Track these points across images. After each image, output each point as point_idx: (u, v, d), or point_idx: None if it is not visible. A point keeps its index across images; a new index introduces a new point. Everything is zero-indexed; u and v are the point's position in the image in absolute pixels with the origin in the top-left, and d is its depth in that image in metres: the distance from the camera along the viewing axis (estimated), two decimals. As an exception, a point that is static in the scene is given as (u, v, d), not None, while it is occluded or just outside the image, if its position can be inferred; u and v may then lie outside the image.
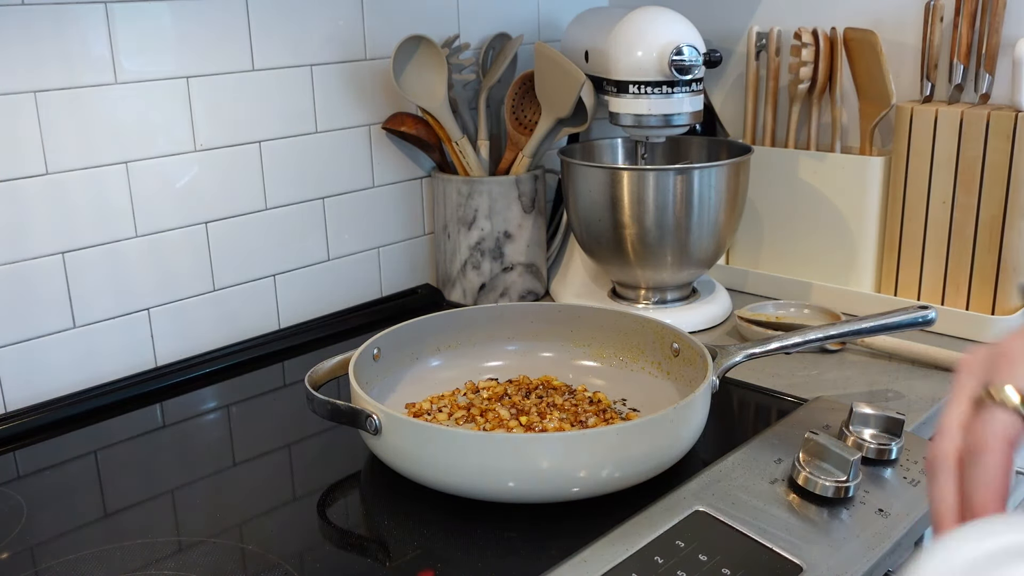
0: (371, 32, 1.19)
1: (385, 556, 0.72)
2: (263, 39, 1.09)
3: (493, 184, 1.21)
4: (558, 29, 1.40)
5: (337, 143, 1.19)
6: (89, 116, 0.97)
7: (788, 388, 0.98)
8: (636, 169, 1.12)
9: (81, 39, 0.95)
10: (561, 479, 0.74)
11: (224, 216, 1.10)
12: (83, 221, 0.99)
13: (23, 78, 0.92)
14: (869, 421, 0.81)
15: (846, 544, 0.70)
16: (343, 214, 1.21)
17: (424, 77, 1.18)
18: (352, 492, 0.84)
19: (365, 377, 0.87)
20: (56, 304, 0.98)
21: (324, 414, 0.81)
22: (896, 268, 1.18)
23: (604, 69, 1.14)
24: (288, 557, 0.72)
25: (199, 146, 1.06)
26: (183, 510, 0.81)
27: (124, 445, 0.94)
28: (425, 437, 0.76)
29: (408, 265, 1.31)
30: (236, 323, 1.13)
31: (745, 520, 0.72)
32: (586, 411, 0.90)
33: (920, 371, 1.02)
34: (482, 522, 0.74)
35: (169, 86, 1.03)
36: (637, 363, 0.98)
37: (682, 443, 0.79)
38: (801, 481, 0.75)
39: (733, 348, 0.91)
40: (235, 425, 0.98)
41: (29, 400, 0.97)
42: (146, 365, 1.06)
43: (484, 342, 1.01)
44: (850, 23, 1.19)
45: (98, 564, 0.72)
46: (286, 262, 1.17)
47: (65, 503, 0.82)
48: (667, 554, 0.68)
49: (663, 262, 1.14)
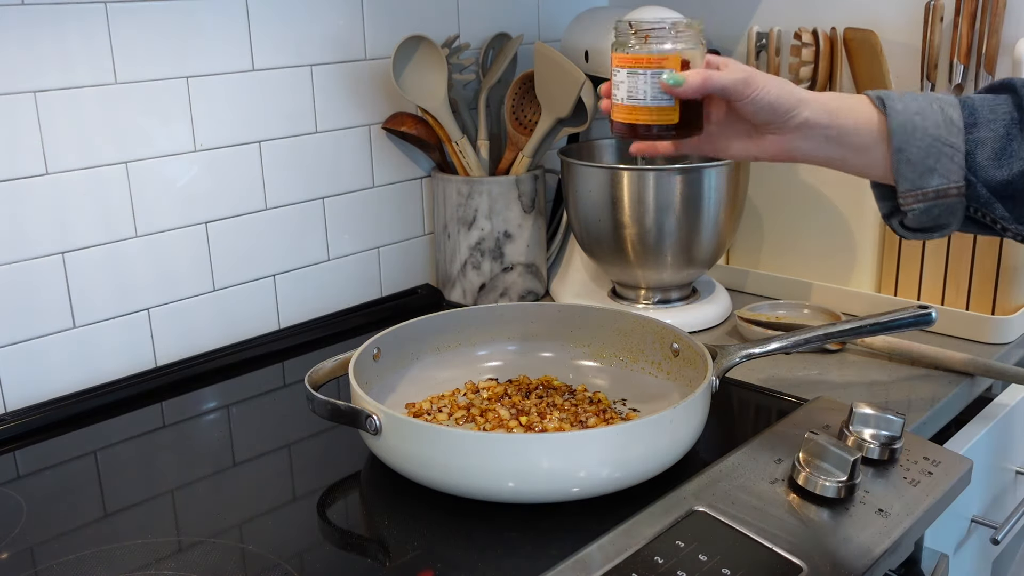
0: (371, 32, 1.19)
1: (385, 556, 0.72)
2: (263, 39, 1.09)
3: (493, 184, 1.21)
4: (558, 29, 1.40)
5: (337, 143, 1.19)
6: (89, 116, 0.97)
7: (788, 388, 0.98)
8: (636, 169, 1.12)
9: (81, 39, 0.95)
10: (561, 479, 0.74)
11: (224, 216, 1.10)
12: (83, 221, 0.99)
13: (23, 78, 0.92)
14: (869, 421, 0.81)
15: (846, 544, 0.70)
16: (343, 214, 1.21)
17: (424, 77, 1.18)
18: (352, 492, 0.84)
19: (365, 377, 0.87)
20: (56, 304, 0.98)
21: (324, 414, 0.81)
22: (896, 268, 1.18)
23: (604, 69, 1.14)
24: (288, 557, 0.72)
25: (199, 146, 1.06)
26: (183, 510, 0.81)
27: (124, 445, 0.94)
28: (425, 437, 0.76)
29: (408, 265, 1.31)
30: (236, 323, 1.13)
31: (745, 520, 0.72)
32: (586, 411, 0.90)
33: (920, 371, 1.02)
34: (482, 522, 0.74)
35: (169, 86, 1.03)
36: (637, 363, 0.98)
37: (682, 443, 0.79)
38: (801, 481, 0.75)
39: (733, 348, 0.91)
40: (235, 425, 0.98)
41: (29, 400, 0.97)
42: (146, 365, 1.06)
43: (484, 342, 1.01)
44: (850, 23, 1.19)
45: (98, 564, 0.72)
46: (286, 262, 1.17)
47: (65, 503, 0.82)
48: (667, 554, 0.68)
49: (663, 262, 1.14)
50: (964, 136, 0.71)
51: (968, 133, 0.71)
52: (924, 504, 0.76)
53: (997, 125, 0.71)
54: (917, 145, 0.71)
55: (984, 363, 1.00)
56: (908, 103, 0.73)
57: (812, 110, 0.74)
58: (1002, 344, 1.07)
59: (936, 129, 0.71)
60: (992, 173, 0.71)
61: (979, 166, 0.71)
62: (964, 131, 0.71)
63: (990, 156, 0.71)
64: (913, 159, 0.72)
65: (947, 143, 0.71)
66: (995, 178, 0.71)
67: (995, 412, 1.02)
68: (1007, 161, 0.70)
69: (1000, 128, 0.71)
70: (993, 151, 0.71)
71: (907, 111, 0.72)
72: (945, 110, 0.72)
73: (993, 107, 0.72)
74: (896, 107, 0.73)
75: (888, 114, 0.73)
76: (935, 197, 0.72)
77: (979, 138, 0.71)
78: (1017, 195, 0.71)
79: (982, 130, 0.71)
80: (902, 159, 0.72)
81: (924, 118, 0.72)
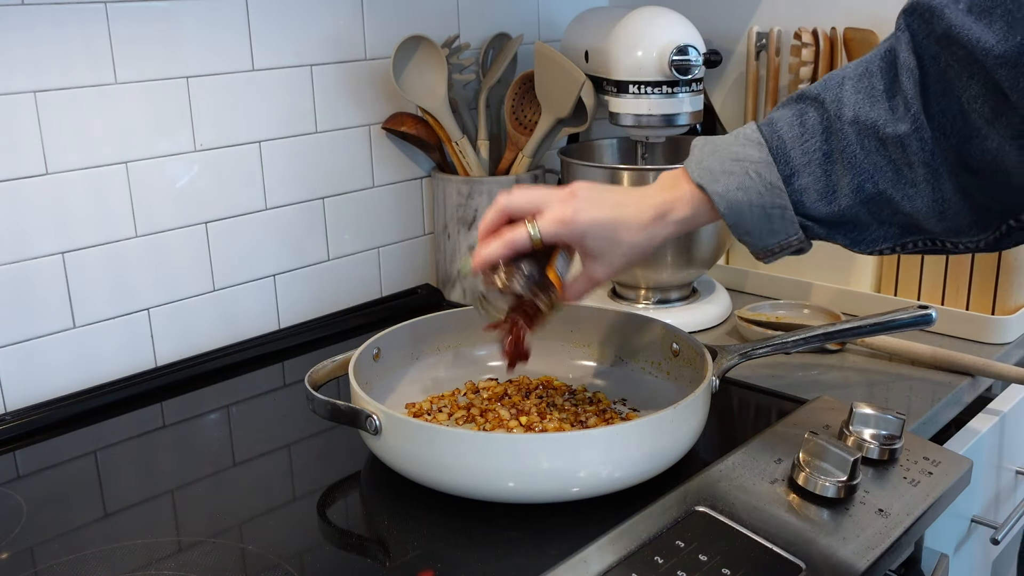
0: (371, 32, 1.19)
1: (385, 556, 0.72)
2: (263, 39, 1.09)
3: (493, 184, 1.21)
4: (558, 29, 1.40)
5: (337, 143, 1.19)
6: (89, 116, 0.97)
7: (788, 388, 0.98)
8: (636, 169, 1.12)
9: (81, 39, 0.95)
10: (561, 479, 0.74)
11: (224, 216, 1.10)
12: (83, 221, 0.99)
13: (23, 78, 0.92)
14: (869, 421, 0.81)
15: (846, 544, 0.70)
16: (343, 214, 1.21)
17: (424, 77, 1.18)
18: (352, 492, 0.84)
19: (365, 377, 0.87)
20: (56, 304, 0.98)
21: (324, 414, 0.81)
22: (896, 268, 1.18)
23: (604, 69, 1.14)
24: (288, 557, 0.72)
25: (199, 146, 1.06)
26: (183, 510, 0.81)
27: (124, 445, 0.94)
28: (425, 437, 0.76)
29: (408, 265, 1.31)
30: (236, 323, 1.13)
31: (745, 520, 0.72)
32: (586, 411, 0.90)
33: (920, 371, 1.02)
34: (482, 522, 0.74)
35: (169, 86, 1.03)
36: (637, 363, 0.98)
37: (682, 443, 0.79)
38: (801, 481, 0.75)
39: (733, 348, 0.91)
40: (235, 425, 0.98)
41: (29, 400, 0.97)
42: (146, 365, 1.06)
43: (484, 342, 1.01)
44: (850, 23, 1.19)
45: (98, 564, 0.72)
46: (286, 262, 1.17)
47: (65, 503, 0.82)
48: (667, 554, 0.68)
49: (663, 262, 1.14)
50: (787, 193, 0.73)
51: (790, 186, 0.73)
52: (924, 504, 0.76)
53: (814, 166, 0.72)
54: (748, 218, 0.74)
55: (984, 363, 1.00)
56: (727, 181, 0.74)
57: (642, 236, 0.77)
58: (1002, 344, 1.07)
59: (760, 199, 0.73)
60: (823, 211, 0.73)
61: (809, 209, 0.73)
62: (785, 188, 0.73)
63: (816, 199, 0.73)
64: (751, 230, 0.75)
65: (775, 206, 0.73)
66: (826, 214, 0.73)
67: (995, 412, 1.02)
68: (832, 197, 0.72)
69: (817, 169, 0.72)
70: (817, 193, 0.73)
71: (728, 191, 0.74)
72: (763, 175, 0.73)
73: (804, 144, 0.73)
74: (718, 191, 0.74)
75: (712, 199, 0.75)
76: (780, 250, 0.76)
77: (802, 187, 0.73)
78: (853, 220, 0.73)
79: (802, 178, 0.73)
80: (740, 232, 0.76)
81: (746, 192, 0.73)
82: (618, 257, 0.78)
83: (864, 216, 0.72)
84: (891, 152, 0.69)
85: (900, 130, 0.68)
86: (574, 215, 0.77)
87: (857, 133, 0.70)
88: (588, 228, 0.77)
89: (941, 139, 0.68)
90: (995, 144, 0.65)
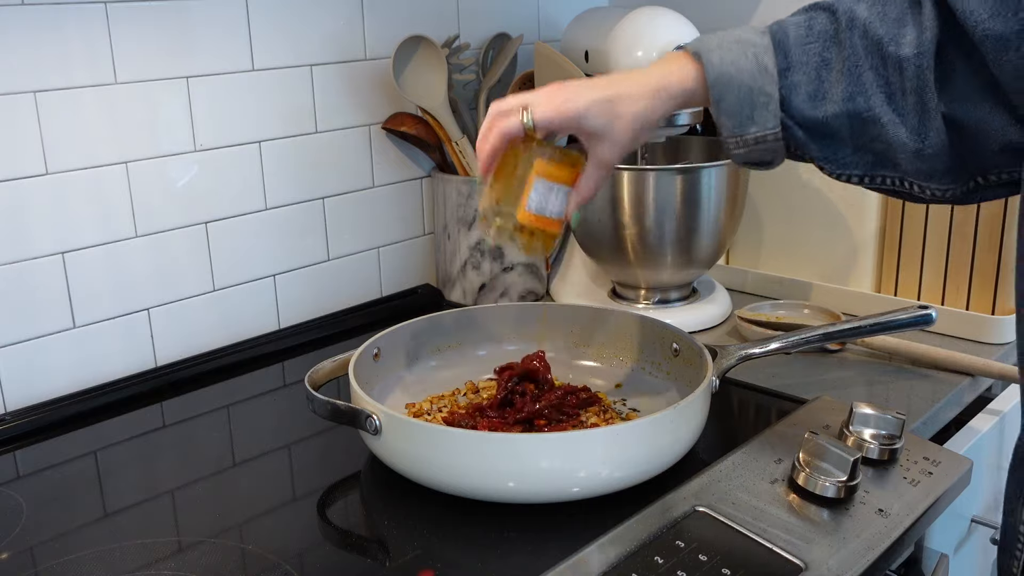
0: (371, 32, 1.19)
1: (385, 556, 0.72)
2: (263, 39, 1.09)
3: (493, 184, 1.21)
4: (558, 29, 1.40)
5: (337, 143, 1.19)
6: (89, 116, 0.97)
7: (788, 388, 0.98)
8: (636, 169, 1.12)
9: (81, 39, 0.95)
10: (561, 479, 0.74)
11: (224, 216, 1.10)
12: (83, 221, 0.99)
13: (23, 78, 0.92)
14: (869, 421, 0.82)
15: (846, 544, 0.70)
16: (343, 214, 1.21)
17: (424, 77, 1.18)
18: (352, 492, 0.84)
19: (365, 377, 0.87)
20: (56, 304, 0.98)
21: (324, 414, 0.81)
22: (896, 268, 1.18)
23: (604, 69, 1.14)
24: (288, 557, 0.72)
25: (199, 146, 1.06)
26: (183, 510, 0.81)
27: (124, 445, 0.94)
28: (425, 437, 0.76)
29: (408, 265, 1.31)
30: (236, 323, 1.13)
31: (745, 520, 0.72)
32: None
33: (920, 371, 1.02)
34: (482, 522, 0.74)
35: (169, 86, 1.03)
36: (637, 363, 0.98)
37: (682, 443, 0.79)
38: (801, 481, 0.75)
39: (733, 348, 0.91)
40: (235, 425, 0.98)
41: (29, 400, 0.97)
42: (146, 365, 1.06)
43: (484, 342, 1.01)
44: (850, 23, 1.18)
45: (98, 564, 0.72)
46: (286, 262, 1.17)
47: (65, 503, 0.82)
48: (667, 554, 0.68)
49: (663, 262, 1.14)
50: (778, 83, 0.73)
51: (782, 79, 0.73)
52: (924, 504, 0.76)
53: (810, 68, 0.73)
54: (734, 95, 0.74)
55: (984, 363, 1.00)
56: (724, 54, 0.74)
57: (641, 106, 0.76)
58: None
59: (751, 80, 0.73)
60: (808, 114, 0.73)
61: (794, 108, 0.73)
62: (778, 78, 0.73)
63: (804, 99, 0.73)
64: (731, 110, 0.74)
65: (762, 92, 0.73)
66: (810, 118, 0.73)
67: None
68: (821, 102, 0.72)
69: (812, 71, 0.73)
70: (807, 93, 0.73)
71: (723, 63, 0.74)
72: (760, 58, 0.73)
73: (806, 46, 0.73)
74: (712, 60, 0.74)
75: (704, 67, 0.74)
76: (754, 143, 0.75)
77: (793, 82, 0.73)
78: (833, 134, 0.73)
79: (796, 73, 0.73)
80: (721, 110, 0.75)
81: (739, 69, 0.73)
82: (621, 132, 0.76)
83: (845, 132, 0.73)
84: (889, 73, 0.70)
85: (903, 52, 0.69)
86: (566, 100, 0.76)
87: (864, 47, 0.71)
88: (587, 108, 0.76)
89: (938, 84, 0.69)
90: (986, 111, 0.67)
